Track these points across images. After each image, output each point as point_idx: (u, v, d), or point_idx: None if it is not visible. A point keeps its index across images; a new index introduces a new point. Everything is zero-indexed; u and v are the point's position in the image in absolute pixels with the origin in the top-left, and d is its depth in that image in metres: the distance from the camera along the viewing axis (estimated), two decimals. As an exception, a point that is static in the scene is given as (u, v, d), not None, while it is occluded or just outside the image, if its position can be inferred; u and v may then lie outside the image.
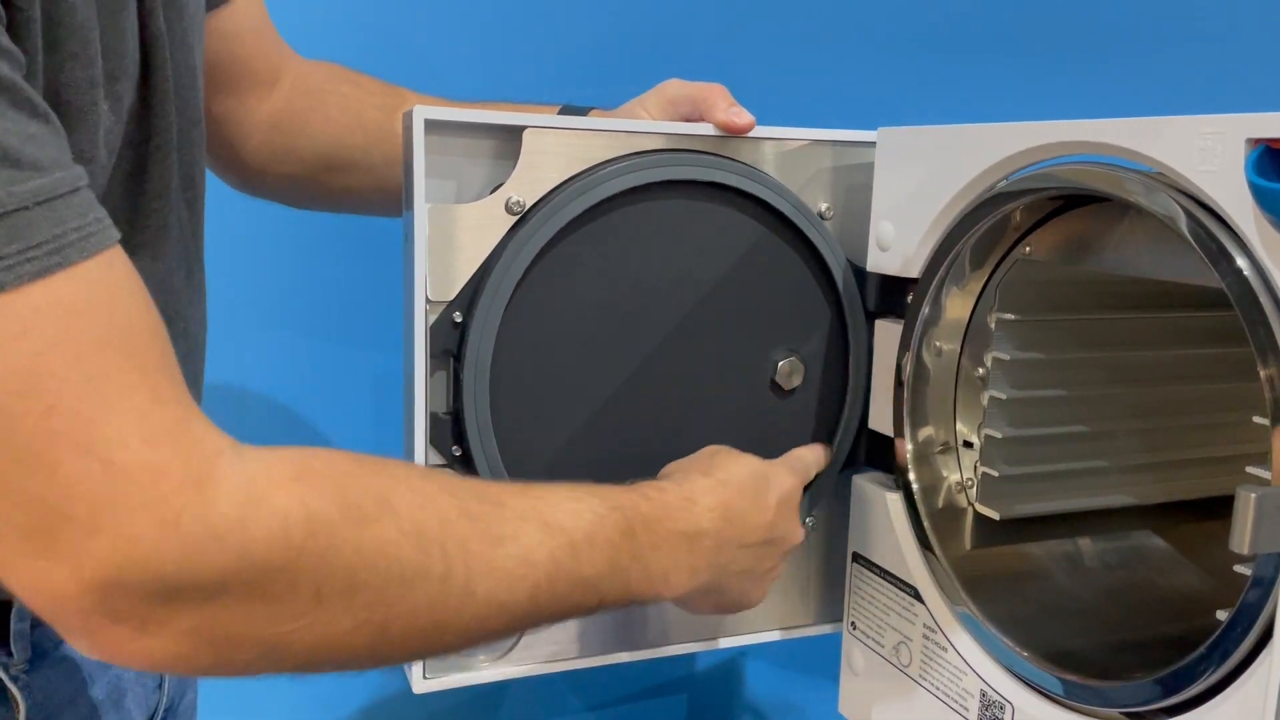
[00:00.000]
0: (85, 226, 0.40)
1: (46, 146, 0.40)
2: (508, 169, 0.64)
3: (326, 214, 0.88)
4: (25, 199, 0.38)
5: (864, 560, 0.73)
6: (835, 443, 0.75)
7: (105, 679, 0.62)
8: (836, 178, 0.73)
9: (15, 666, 0.55)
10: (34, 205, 0.38)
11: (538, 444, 0.67)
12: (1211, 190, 0.49)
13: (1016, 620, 0.64)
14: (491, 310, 0.63)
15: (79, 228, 0.40)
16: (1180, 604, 0.69)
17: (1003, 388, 0.67)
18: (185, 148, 0.58)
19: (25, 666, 0.56)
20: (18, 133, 0.39)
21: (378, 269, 1.01)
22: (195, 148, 0.60)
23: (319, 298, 1.04)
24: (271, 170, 0.78)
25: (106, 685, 0.62)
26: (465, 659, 0.69)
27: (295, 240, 1.01)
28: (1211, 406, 0.73)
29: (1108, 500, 0.72)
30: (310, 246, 1.02)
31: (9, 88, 0.39)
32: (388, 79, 0.81)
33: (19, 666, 0.55)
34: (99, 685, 0.61)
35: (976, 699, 0.64)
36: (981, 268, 0.67)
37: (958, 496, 0.70)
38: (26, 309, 0.38)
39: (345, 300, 1.03)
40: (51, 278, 0.38)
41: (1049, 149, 0.58)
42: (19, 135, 0.39)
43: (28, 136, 0.39)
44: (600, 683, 1.15)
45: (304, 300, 1.03)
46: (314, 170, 0.78)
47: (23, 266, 0.38)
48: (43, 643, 0.57)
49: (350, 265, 1.03)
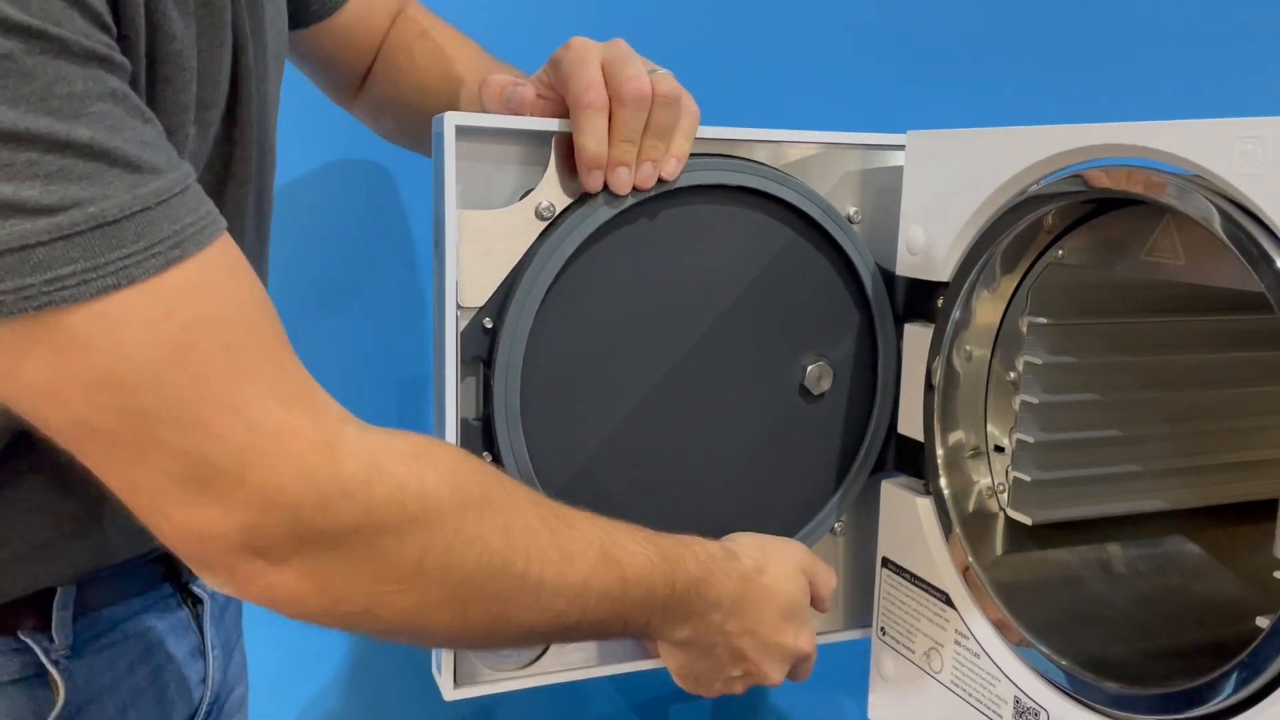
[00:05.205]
0: (199, 220, 0.45)
1: (160, 149, 0.45)
2: (537, 174, 0.64)
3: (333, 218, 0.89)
4: (148, 200, 0.43)
5: (894, 565, 0.73)
6: (864, 447, 0.75)
7: (146, 668, 0.63)
8: (865, 181, 0.73)
9: (57, 652, 0.57)
10: (155, 205, 0.43)
11: (567, 449, 0.67)
12: (1251, 193, 0.49)
13: (1050, 626, 0.64)
14: (522, 316, 0.63)
15: (194, 222, 0.45)
16: (1216, 610, 0.68)
17: (1035, 392, 0.66)
18: (259, 175, 0.62)
19: (67, 652, 0.57)
20: (136, 139, 0.43)
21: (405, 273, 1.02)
22: (267, 175, 0.64)
23: (340, 301, 1.04)
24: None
25: (148, 674, 0.63)
26: (494, 667, 0.69)
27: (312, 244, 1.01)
28: (1246, 410, 0.72)
29: (1140, 505, 0.71)
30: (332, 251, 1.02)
31: (124, 97, 0.44)
32: None
33: (61, 652, 0.57)
34: (140, 674, 0.63)
35: (1010, 705, 0.64)
36: (1013, 271, 0.66)
37: (989, 501, 0.70)
38: (162, 295, 0.43)
39: (369, 304, 1.03)
40: (176, 268, 0.43)
41: (1083, 152, 0.58)
42: (137, 141, 0.43)
43: (144, 142, 0.44)
44: (623, 688, 1.15)
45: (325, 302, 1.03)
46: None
47: (149, 261, 0.43)
48: (85, 630, 0.59)
49: (377, 269, 1.03)
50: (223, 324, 0.45)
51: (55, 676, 0.57)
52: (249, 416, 0.45)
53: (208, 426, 0.44)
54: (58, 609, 0.57)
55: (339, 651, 1.07)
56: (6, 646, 0.56)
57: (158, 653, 0.64)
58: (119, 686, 0.61)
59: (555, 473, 0.67)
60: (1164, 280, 0.60)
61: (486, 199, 0.64)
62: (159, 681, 0.64)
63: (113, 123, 0.42)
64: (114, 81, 0.43)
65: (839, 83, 1.02)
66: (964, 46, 1.03)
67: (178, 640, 0.66)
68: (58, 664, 0.57)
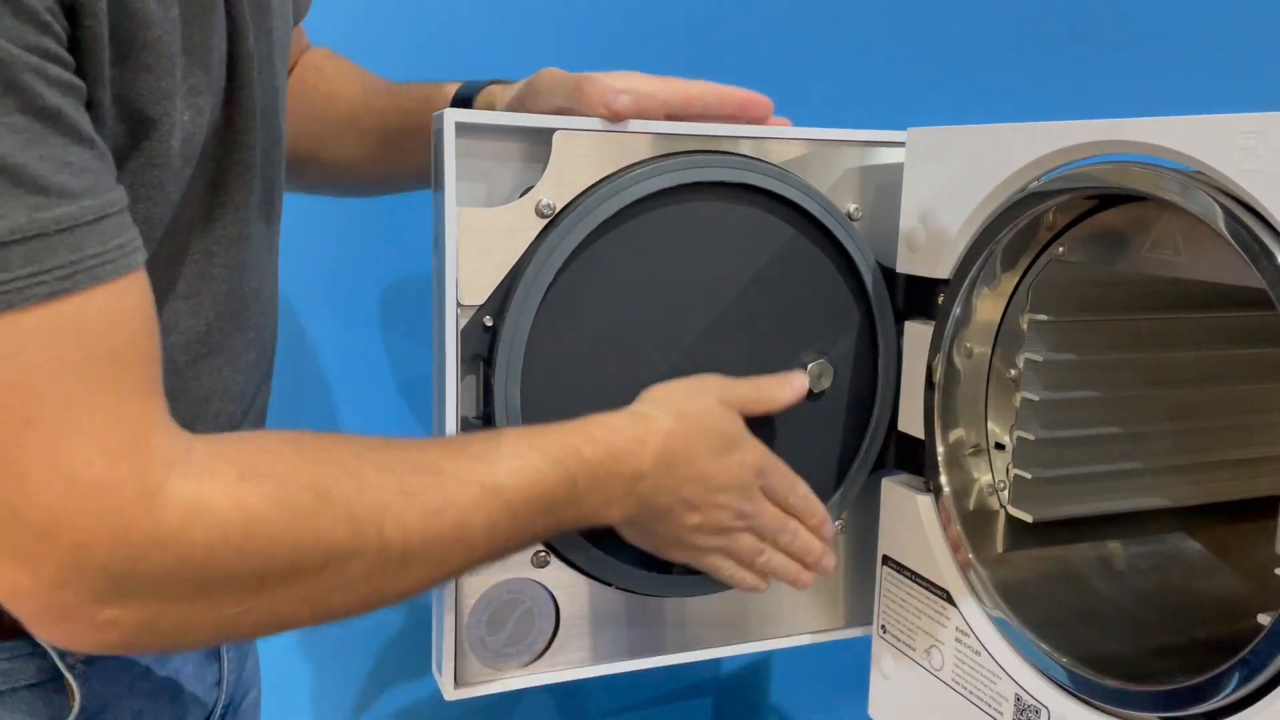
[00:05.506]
0: (104, 254, 0.43)
1: (83, 173, 0.42)
2: (537, 171, 0.64)
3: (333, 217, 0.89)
4: (46, 225, 0.41)
5: (894, 563, 0.73)
6: (864, 445, 0.74)
7: (162, 673, 0.63)
8: (865, 178, 0.73)
9: (74, 656, 0.56)
10: (54, 232, 0.41)
11: (568, 448, 0.67)
12: (1253, 189, 0.49)
13: (1051, 623, 0.64)
14: (522, 314, 0.63)
15: (97, 254, 0.43)
16: (1218, 607, 0.68)
17: (1036, 389, 0.66)
18: (267, 166, 0.61)
19: (84, 656, 0.57)
20: (53, 159, 0.41)
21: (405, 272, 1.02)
22: (276, 166, 0.63)
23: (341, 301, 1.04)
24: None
25: (163, 679, 0.63)
26: (497, 667, 0.69)
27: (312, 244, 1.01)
28: (1247, 407, 0.72)
29: (1142, 502, 0.71)
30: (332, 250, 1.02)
31: (54, 115, 0.41)
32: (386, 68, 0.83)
33: (77, 656, 0.57)
34: (155, 678, 0.62)
35: (1011, 703, 0.64)
36: (1014, 268, 0.66)
37: (989, 499, 0.70)
38: (26, 329, 0.41)
39: (369, 303, 1.03)
40: (59, 301, 0.41)
41: (1084, 148, 0.57)
42: (53, 162, 0.41)
43: (63, 164, 0.41)
44: (625, 686, 1.15)
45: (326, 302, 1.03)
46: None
47: (32, 289, 0.40)
48: None
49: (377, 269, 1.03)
50: (73, 370, 0.43)
51: (71, 682, 0.56)
52: (69, 472, 0.43)
53: (24, 478, 0.42)
54: None
55: (341, 652, 1.07)
56: (23, 651, 0.55)
57: (173, 657, 0.64)
58: (134, 691, 0.61)
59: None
60: (1165, 277, 0.60)
61: (486, 196, 0.64)
62: (174, 686, 0.64)
63: (27, 138, 0.40)
64: (50, 97, 0.41)
65: (839, 80, 1.02)
66: (965, 43, 1.03)
67: None
68: (73, 669, 0.56)
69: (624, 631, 0.72)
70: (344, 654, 1.07)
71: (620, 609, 0.72)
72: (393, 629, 1.08)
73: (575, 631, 0.70)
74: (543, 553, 0.68)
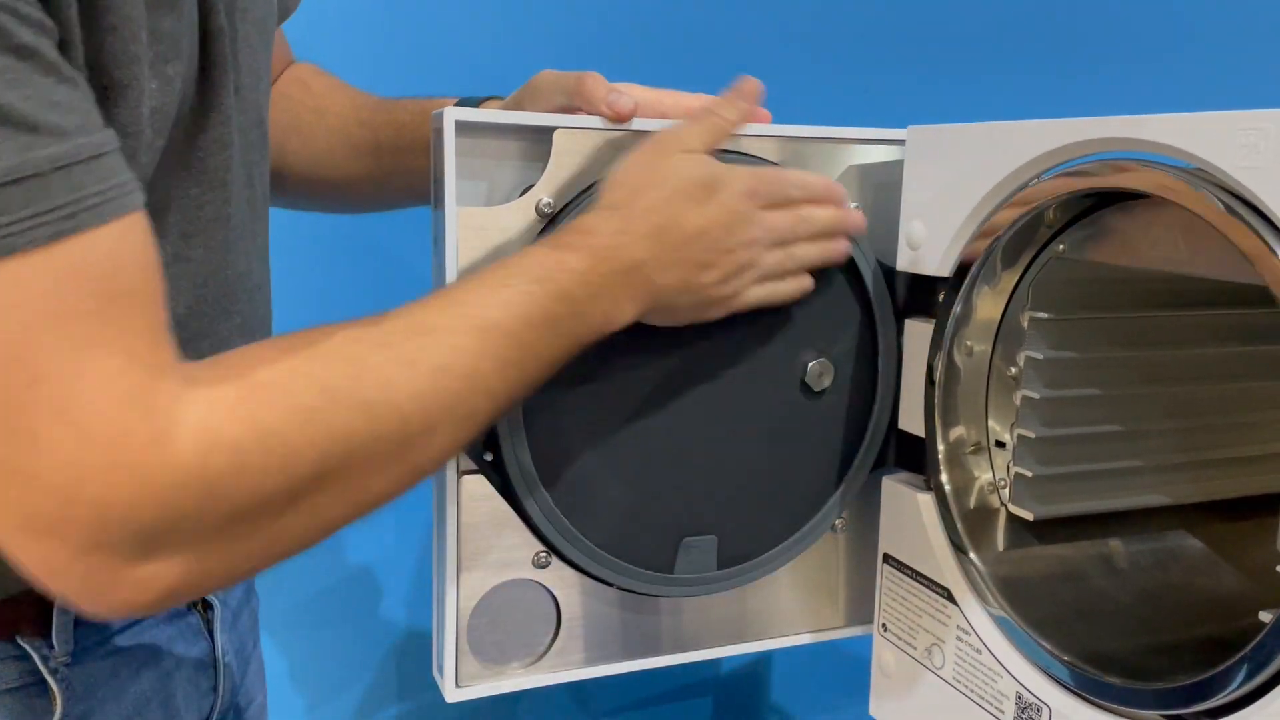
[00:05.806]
0: (105, 191, 0.41)
1: (71, 112, 0.41)
2: (537, 171, 0.64)
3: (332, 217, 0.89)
4: (42, 165, 0.39)
5: (895, 562, 0.73)
6: (865, 443, 0.74)
7: (153, 675, 0.62)
8: (865, 176, 0.73)
9: (56, 659, 0.56)
10: (50, 171, 0.39)
11: (569, 447, 0.67)
12: (1254, 186, 0.49)
13: (1052, 622, 0.64)
14: (522, 313, 0.63)
15: (99, 192, 0.41)
16: (1219, 605, 0.68)
17: (1036, 387, 0.66)
18: (247, 148, 0.59)
19: (67, 659, 0.56)
20: (40, 99, 0.40)
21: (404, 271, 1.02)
22: (255, 149, 0.61)
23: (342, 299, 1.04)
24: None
25: (154, 682, 0.62)
26: (498, 668, 0.68)
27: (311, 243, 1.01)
28: (1248, 405, 0.72)
29: (1143, 500, 0.71)
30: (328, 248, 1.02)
31: (34, 53, 0.40)
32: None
33: (60, 659, 0.56)
34: (144, 681, 0.61)
35: (1012, 701, 0.64)
36: (1014, 266, 0.66)
37: (990, 497, 0.70)
38: (27, 275, 0.39)
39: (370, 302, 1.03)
40: (62, 243, 0.40)
41: (1084, 146, 0.57)
42: (41, 101, 0.40)
43: (50, 103, 0.40)
44: (625, 685, 1.15)
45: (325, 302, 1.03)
46: None
47: (34, 231, 0.39)
48: (87, 636, 0.58)
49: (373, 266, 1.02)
50: (80, 318, 0.41)
51: (53, 686, 0.55)
52: (81, 425, 0.41)
53: (36, 438, 0.40)
54: (58, 613, 0.56)
55: (342, 653, 1.07)
56: (5, 653, 0.54)
57: (165, 659, 0.63)
58: (123, 695, 0.60)
59: (558, 469, 0.66)
60: (1166, 274, 0.60)
61: (486, 196, 0.64)
62: (166, 689, 0.63)
63: (11, 78, 0.39)
64: (24, 35, 0.40)
65: (839, 77, 1.02)
66: (964, 41, 1.03)
67: (187, 646, 0.65)
68: (55, 672, 0.55)
69: (624, 632, 0.72)
70: (345, 655, 1.07)
71: (620, 609, 0.72)
72: (393, 630, 1.08)
73: (576, 632, 0.70)
74: (543, 553, 0.68)
